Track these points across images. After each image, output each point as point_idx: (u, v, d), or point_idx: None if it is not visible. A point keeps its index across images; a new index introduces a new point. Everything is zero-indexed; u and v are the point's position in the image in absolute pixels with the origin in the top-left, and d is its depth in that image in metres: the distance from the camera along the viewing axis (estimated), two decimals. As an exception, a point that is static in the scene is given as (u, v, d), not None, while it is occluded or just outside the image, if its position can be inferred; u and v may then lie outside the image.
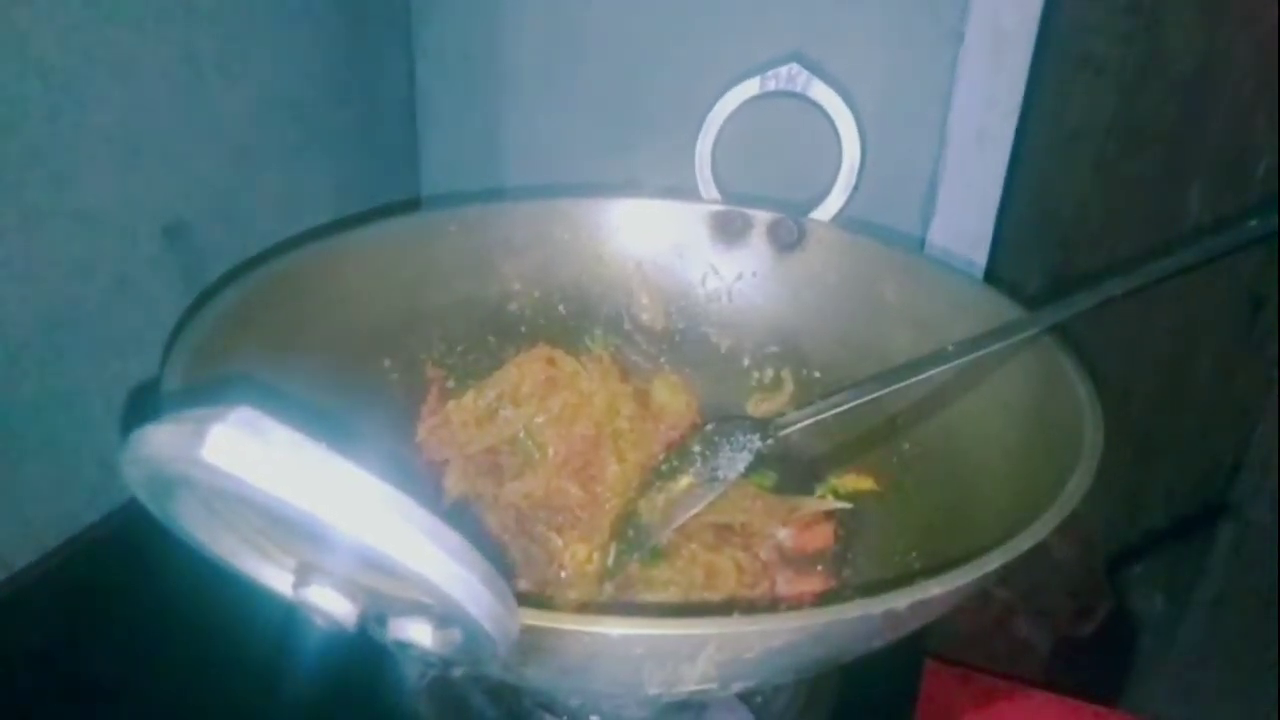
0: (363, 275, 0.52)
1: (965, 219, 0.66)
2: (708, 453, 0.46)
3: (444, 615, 0.23)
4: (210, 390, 0.37)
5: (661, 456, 0.49)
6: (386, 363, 0.52)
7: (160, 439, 0.20)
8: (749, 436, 0.46)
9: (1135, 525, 0.88)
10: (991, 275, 0.68)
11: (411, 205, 0.74)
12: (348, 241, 0.52)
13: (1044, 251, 0.80)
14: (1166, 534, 0.88)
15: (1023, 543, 0.30)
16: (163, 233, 0.54)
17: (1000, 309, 0.48)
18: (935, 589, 0.28)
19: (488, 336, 0.57)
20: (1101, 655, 0.86)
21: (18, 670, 0.45)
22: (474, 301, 0.56)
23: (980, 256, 0.67)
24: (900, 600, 0.27)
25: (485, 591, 0.22)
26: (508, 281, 0.57)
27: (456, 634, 0.24)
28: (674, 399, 0.55)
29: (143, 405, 0.53)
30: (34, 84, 0.45)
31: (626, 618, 0.26)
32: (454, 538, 0.21)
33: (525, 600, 0.25)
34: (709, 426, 0.48)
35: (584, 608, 0.41)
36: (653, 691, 0.29)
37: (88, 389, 0.51)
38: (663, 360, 0.58)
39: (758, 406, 0.56)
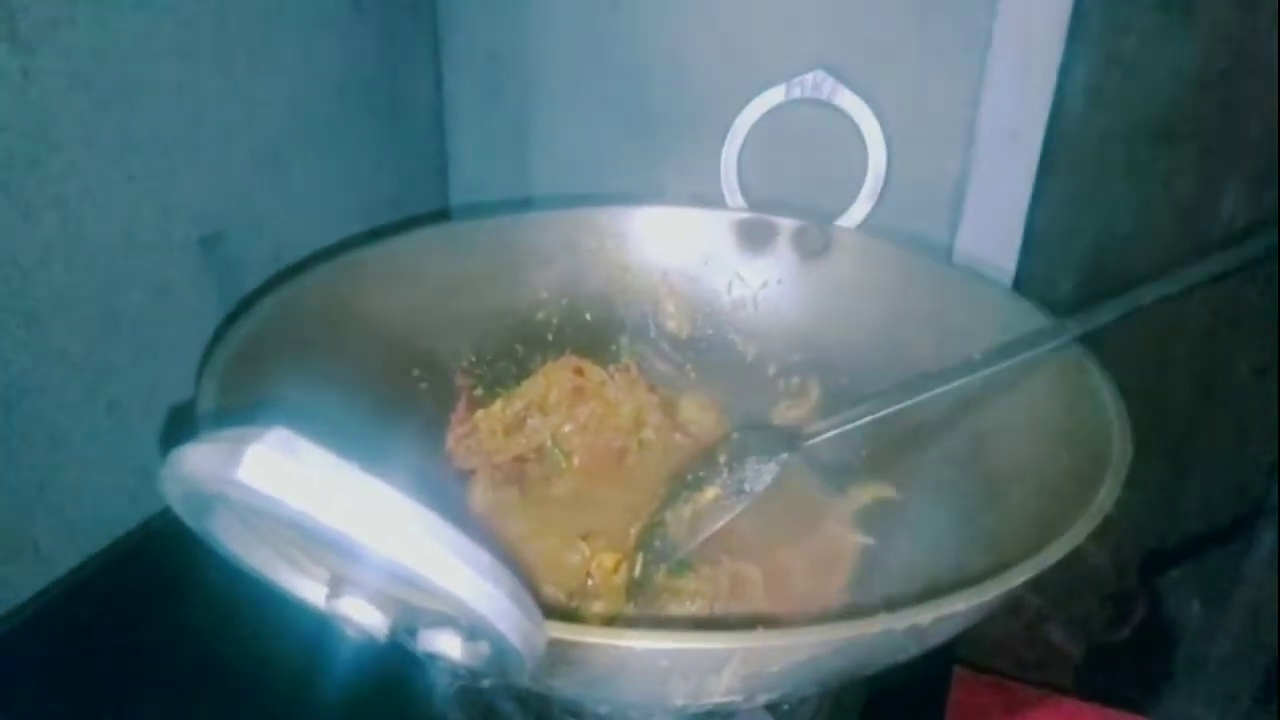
0: (392, 286, 0.52)
1: (994, 223, 0.66)
2: (734, 464, 0.46)
3: (472, 629, 0.23)
4: (244, 406, 0.37)
5: (688, 467, 0.49)
6: (416, 372, 0.53)
7: (197, 459, 0.21)
8: (775, 447, 0.46)
9: (1172, 531, 0.86)
10: (1020, 280, 0.68)
11: (441, 215, 0.75)
12: (377, 253, 0.52)
13: (1074, 256, 0.79)
14: (1203, 539, 0.87)
15: (1048, 557, 0.30)
16: (199, 243, 0.55)
17: (1028, 317, 0.47)
18: (959, 604, 0.28)
19: (515, 345, 0.57)
20: (1136, 662, 0.85)
21: (60, 672, 0.46)
22: (502, 311, 0.57)
23: (1009, 261, 0.66)
24: (924, 615, 0.27)
25: (512, 607, 0.22)
26: (535, 290, 0.58)
27: (484, 647, 0.24)
28: (702, 416, 0.55)
29: (180, 418, 0.54)
30: (75, 97, 0.46)
31: (651, 631, 0.26)
32: (482, 555, 0.22)
33: (552, 613, 0.25)
34: (735, 436, 0.49)
35: (611, 620, 0.42)
36: (679, 703, 0.30)
37: (128, 396, 0.53)
38: (688, 368, 0.59)
39: (784, 414, 0.56)
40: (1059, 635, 0.80)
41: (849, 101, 0.57)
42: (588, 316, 0.59)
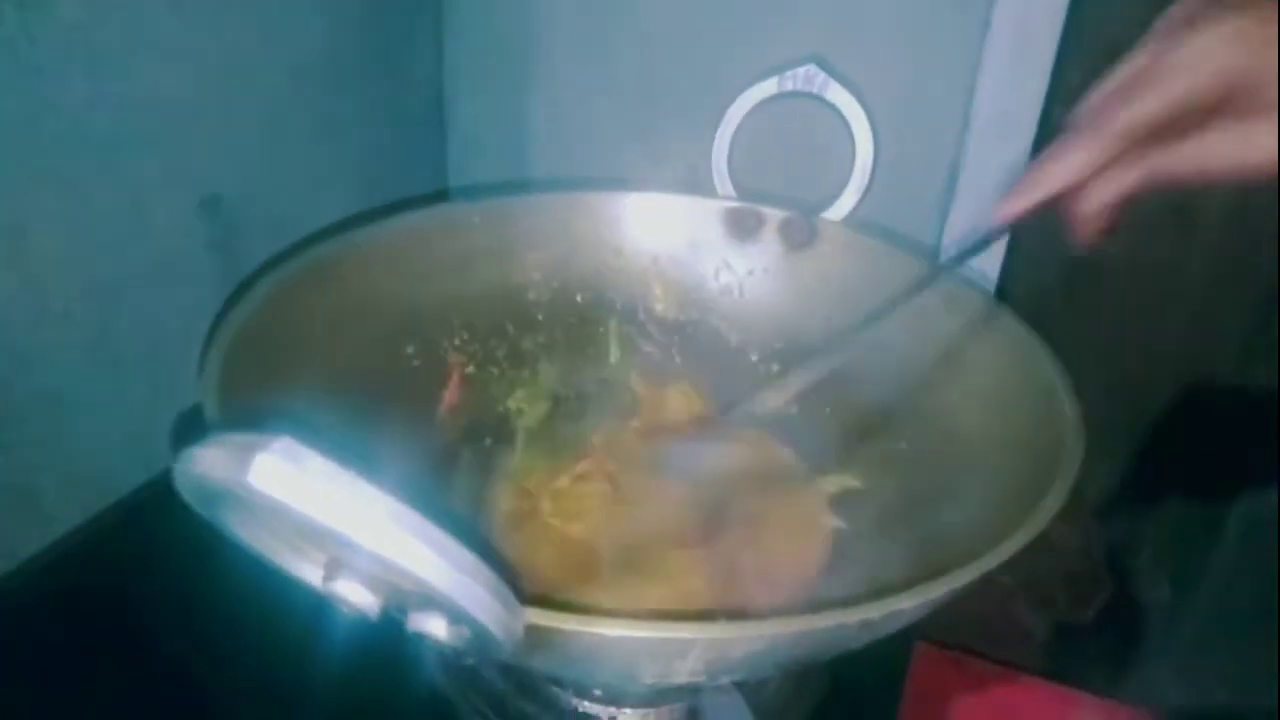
0: (388, 266, 0.54)
1: (985, 206, 0.66)
2: None
3: (455, 615, 0.26)
4: (247, 389, 0.39)
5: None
6: (410, 349, 0.55)
7: (209, 461, 0.23)
8: None
9: (1147, 513, 0.89)
10: (1009, 265, 0.68)
11: (439, 195, 0.76)
12: (372, 234, 0.53)
13: (1063, 242, 0.80)
14: (1177, 523, 0.89)
15: (995, 558, 0.32)
16: (198, 206, 0.56)
17: (1001, 318, 0.49)
18: (906, 601, 0.30)
19: (507, 324, 0.59)
20: (1105, 642, 0.87)
21: (63, 632, 0.48)
22: (495, 291, 0.59)
23: (995, 255, 0.67)
24: (874, 610, 0.30)
25: (490, 599, 0.24)
26: (528, 271, 0.60)
27: (466, 630, 0.27)
28: (688, 404, 0.57)
29: (182, 391, 0.55)
30: (76, 62, 0.47)
31: (621, 619, 0.28)
32: (464, 553, 0.24)
33: (532, 600, 0.27)
34: None
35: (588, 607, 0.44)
36: (648, 681, 0.32)
37: (129, 357, 0.54)
38: (674, 352, 0.60)
39: (764, 401, 0.58)
40: (1026, 614, 0.83)
41: (839, 96, 0.58)
42: (578, 298, 0.60)
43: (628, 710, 0.44)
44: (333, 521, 0.22)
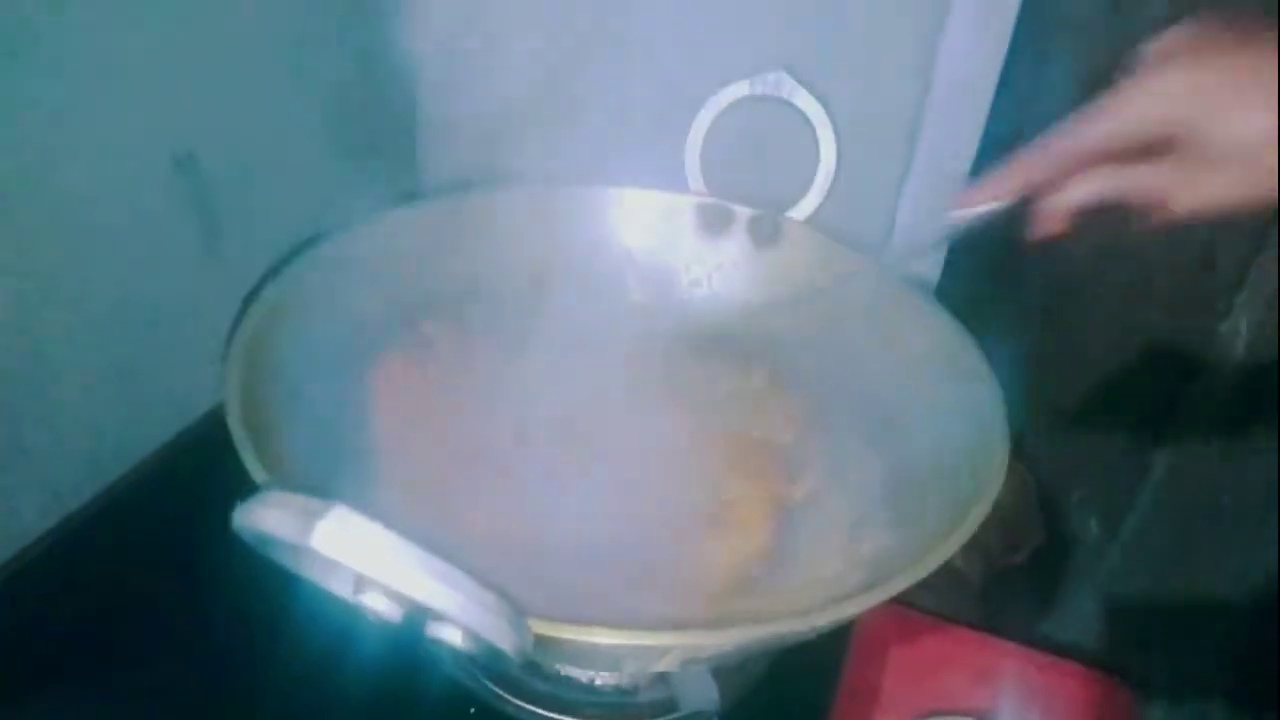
0: (375, 264, 0.57)
1: (943, 164, 0.66)
2: None
3: (474, 638, 0.31)
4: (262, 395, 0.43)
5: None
6: (402, 338, 0.58)
7: (273, 521, 0.27)
8: None
9: (1082, 458, 0.94)
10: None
11: (407, 145, 0.76)
12: (358, 237, 0.57)
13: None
14: (1108, 466, 0.96)
15: (929, 564, 0.38)
16: (172, 163, 0.56)
17: (942, 329, 0.54)
18: (852, 609, 0.36)
19: (493, 312, 0.62)
20: (1035, 582, 0.94)
21: (82, 603, 0.50)
22: (478, 280, 0.62)
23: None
24: (822, 617, 0.35)
25: (509, 630, 0.29)
26: (510, 262, 0.63)
27: (481, 646, 0.32)
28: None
29: (164, 348, 0.56)
30: (42, 16, 0.46)
31: (612, 629, 0.34)
32: (487, 593, 0.29)
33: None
34: None
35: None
36: (631, 669, 0.38)
37: (112, 318, 0.54)
38: (649, 341, 0.64)
39: (728, 390, 0.63)
40: (961, 560, 0.90)
41: (806, 103, 0.62)
42: (558, 288, 0.64)
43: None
44: (378, 575, 0.27)
